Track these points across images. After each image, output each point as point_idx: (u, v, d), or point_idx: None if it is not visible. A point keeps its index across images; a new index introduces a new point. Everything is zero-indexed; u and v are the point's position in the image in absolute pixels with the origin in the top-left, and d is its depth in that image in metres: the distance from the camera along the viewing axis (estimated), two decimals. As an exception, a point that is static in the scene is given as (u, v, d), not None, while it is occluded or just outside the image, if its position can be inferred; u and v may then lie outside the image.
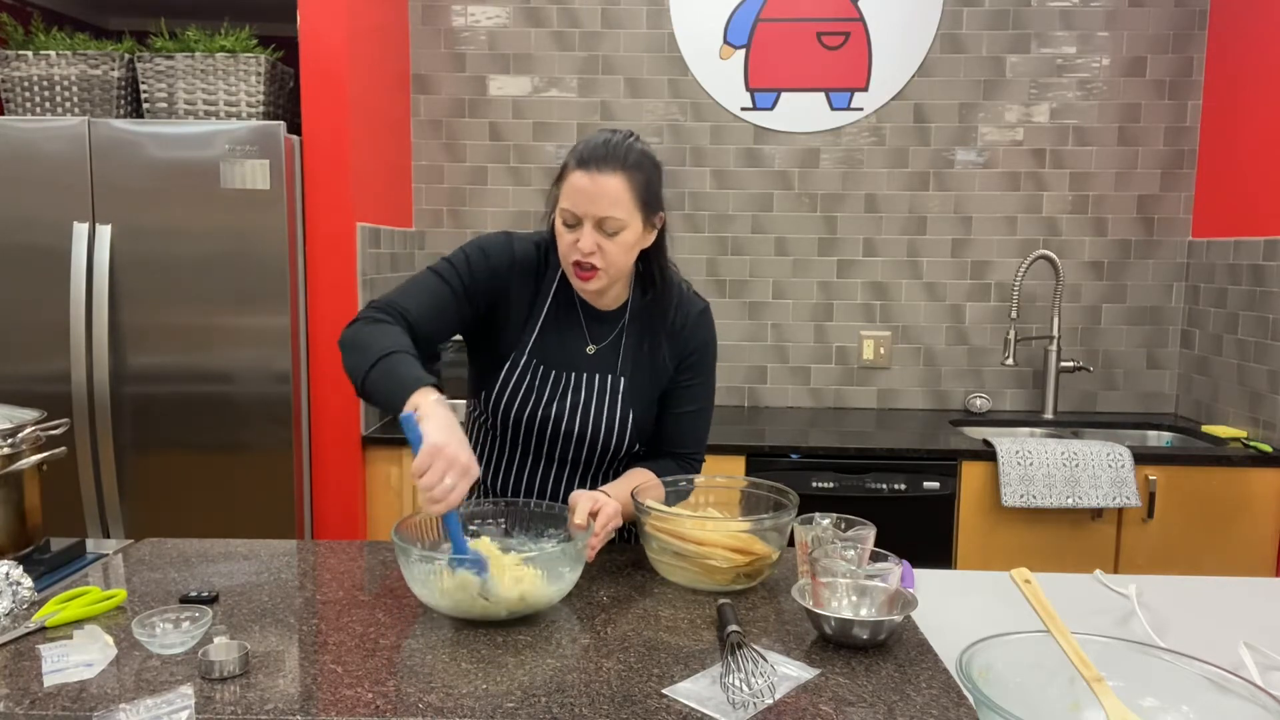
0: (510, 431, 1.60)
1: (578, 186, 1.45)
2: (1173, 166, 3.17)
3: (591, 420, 1.57)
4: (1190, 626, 1.38)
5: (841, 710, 1.05)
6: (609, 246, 1.45)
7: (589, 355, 1.59)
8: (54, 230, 2.52)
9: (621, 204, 1.44)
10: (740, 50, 3.17)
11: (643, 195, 1.47)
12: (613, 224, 1.44)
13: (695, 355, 1.62)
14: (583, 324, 1.59)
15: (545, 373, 1.57)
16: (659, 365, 1.60)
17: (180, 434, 2.58)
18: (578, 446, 1.59)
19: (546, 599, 1.29)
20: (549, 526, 1.47)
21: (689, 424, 1.65)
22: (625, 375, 1.58)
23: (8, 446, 1.47)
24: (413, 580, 1.28)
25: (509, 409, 1.57)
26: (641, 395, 1.59)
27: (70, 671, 1.10)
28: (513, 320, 1.57)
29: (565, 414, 1.56)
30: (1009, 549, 2.64)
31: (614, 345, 1.59)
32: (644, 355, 1.59)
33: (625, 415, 1.57)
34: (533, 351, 1.57)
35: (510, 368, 1.56)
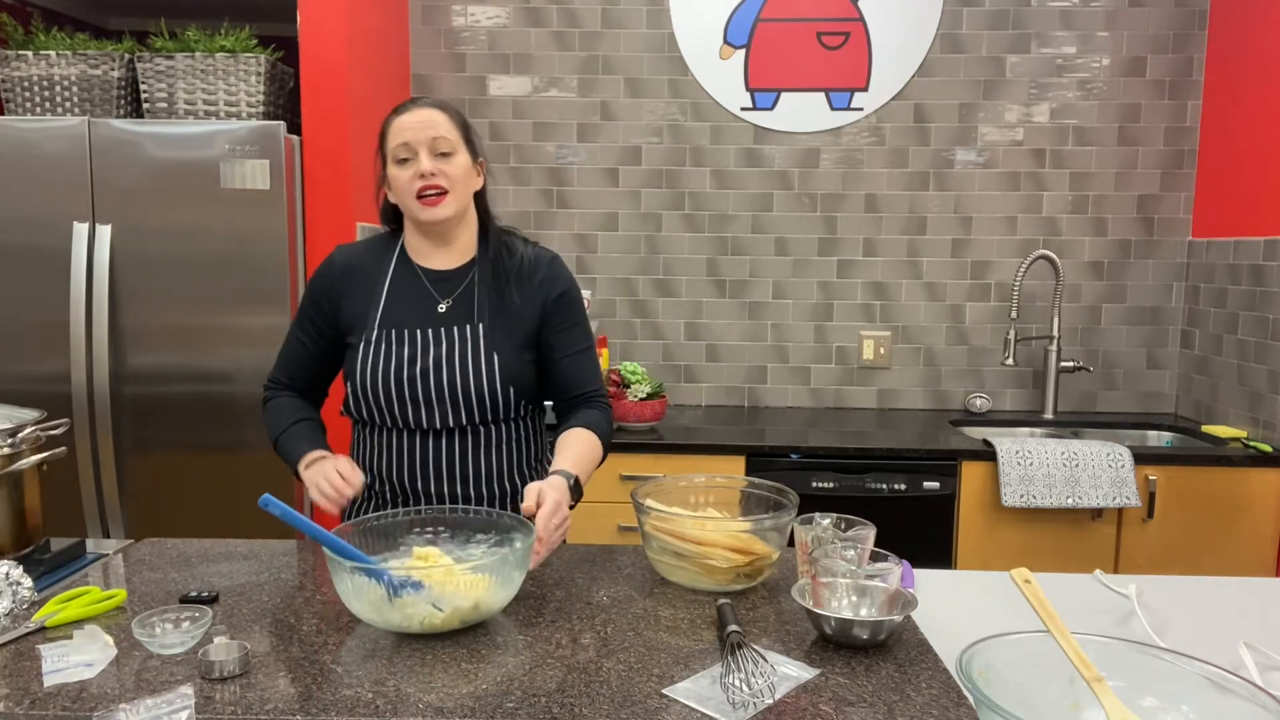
0: (384, 410, 1.58)
1: (404, 124, 1.55)
2: (1173, 166, 3.17)
3: (459, 369, 1.56)
4: (1190, 626, 1.38)
5: (841, 710, 1.05)
6: (447, 169, 1.55)
7: (440, 312, 1.61)
8: (54, 230, 2.52)
9: (449, 129, 1.56)
10: (740, 50, 3.17)
11: (462, 128, 1.59)
12: (445, 144, 1.54)
13: (561, 301, 1.65)
14: (428, 287, 1.63)
15: (399, 336, 1.59)
16: (518, 313, 1.61)
17: (180, 434, 2.58)
18: (454, 403, 1.57)
19: (500, 603, 1.27)
20: (476, 531, 1.43)
21: (582, 364, 1.67)
22: (484, 322, 1.59)
23: (8, 446, 1.47)
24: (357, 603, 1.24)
25: (372, 382, 1.57)
26: (505, 341, 1.59)
27: (70, 671, 1.10)
28: (356, 312, 1.62)
29: (429, 369, 1.56)
30: (1009, 549, 2.64)
31: (466, 298, 1.62)
32: (500, 303, 1.61)
33: (490, 359, 1.57)
34: (382, 323, 1.60)
35: (364, 346, 1.59)
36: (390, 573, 1.21)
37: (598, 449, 1.61)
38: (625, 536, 2.70)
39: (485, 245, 1.66)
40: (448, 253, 1.64)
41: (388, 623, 1.22)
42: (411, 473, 1.62)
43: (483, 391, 1.57)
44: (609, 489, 2.68)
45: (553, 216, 3.26)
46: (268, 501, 1.24)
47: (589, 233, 3.27)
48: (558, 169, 3.25)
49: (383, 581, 1.21)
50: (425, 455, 1.61)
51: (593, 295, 3.27)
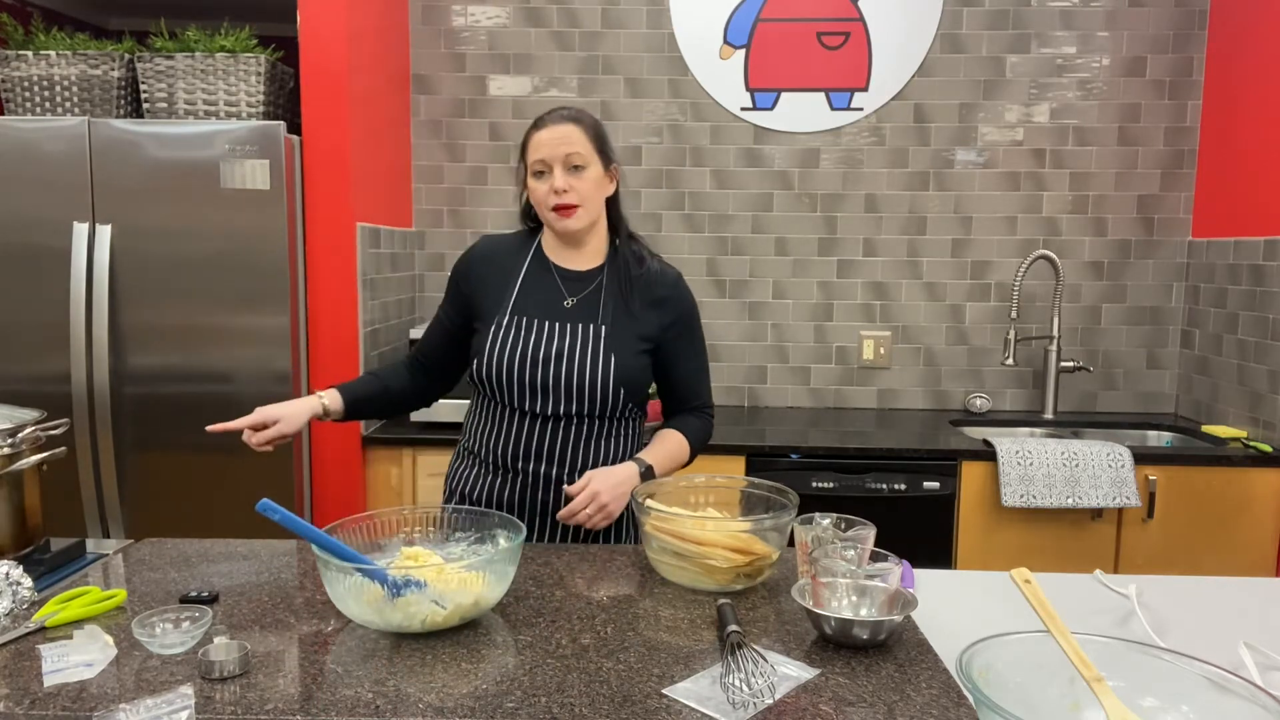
0: (503, 389, 1.69)
1: (541, 140, 1.70)
2: (1173, 166, 3.17)
3: (577, 363, 1.66)
4: (1190, 626, 1.38)
5: (841, 710, 1.05)
6: (578, 183, 1.67)
7: (566, 308, 1.72)
8: (54, 230, 2.52)
9: (581, 144, 1.67)
10: (740, 50, 3.17)
11: (595, 140, 1.69)
12: (577, 158, 1.66)
13: (684, 319, 1.78)
14: (559, 284, 1.74)
15: (528, 323, 1.70)
16: (641, 321, 1.72)
17: (180, 434, 2.58)
18: (568, 393, 1.67)
19: (497, 598, 1.29)
20: (455, 530, 1.45)
21: (696, 380, 1.82)
22: (606, 324, 1.70)
23: (8, 446, 1.47)
24: (353, 606, 1.24)
25: (498, 361, 1.67)
26: (623, 344, 1.69)
27: (70, 671, 1.10)
28: (491, 298, 1.74)
29: (551, 358, 1.67)
30: (1009, 549, 2.64)
31: (593, 299, 1.73)
32: (624, 309, 1.72)
33: (607, 359, 1.67)
34: (514, 310, 1.72)
35: (495, 328, 1.70)
36: (391, 573, 1.21)
37: (684, 449, 1.79)
38: (625, 536, 2.69)
39: (615, 252, 1.78)
40: (579, 254, 1.76)
41: (387, 623, 1.22)
42: (515, 450, 1.71)
43: (595, 387, 1.67)
44: (609, 489, 2.68)
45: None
46: (266, 506, 1.24)
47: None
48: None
49: (385, 582, 1.21)
50: (531, 437, 1.70)
51: (593, 295, 3.27)
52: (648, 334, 1.72)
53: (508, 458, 1.71)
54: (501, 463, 1.72)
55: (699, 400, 1.84)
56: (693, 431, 1.81)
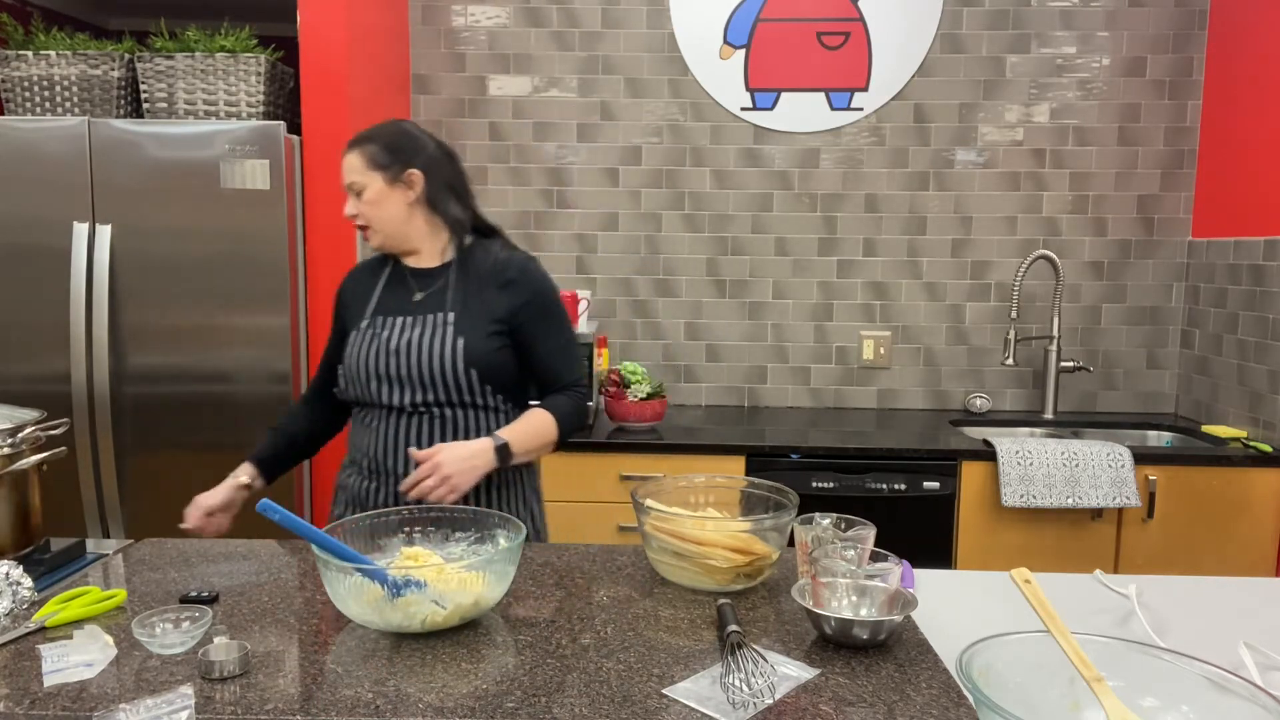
0: (362, 385, 1.75)
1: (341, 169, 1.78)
2: (1173, 166, 3.17)
3: (426, 349, 1.71)
4: (1190, 626, 1.38)
5: (841, 710, 1.05)
6: (362, 206, 1.75)
7: (415, 301, 1.78)
8: (54, 230, 2.52)
9: (356, 170, 1.74)
10: (740, 50, 3.17)
11: (373, 158, 1.74)
12: (355, 185, 1.74)
13: (536, 300, 1.78)
14: (410, 282, 1.81)
15: (382, 322, 1.77)
16: (490, 304, 1.75)
17: (180, 434, 2.58)
18: (421, 381, 1.71)
19: (497, 598, 1.29)
20: (454, 530, 1.45)
21: (560, 359, 1.81)
22: (454, 311, 1.75)
23: (8, 446, 1.47)
24: (354, 606, 1.24)
25: (355, 362, 1.75)
26: (472, 327, 1.73)
27: (70, 671, 1.10)
28: (356, 313, 1.82)
29: (401, 349, 1.72)
30: (1009, 549, 2.64)
31: (441, 291, 1.78)
32: (473, 295, 1.76)
33: (455, 342, 1.71)
34: (372, 315, 1.79)
35: (356, 334, 1.78)
36: (391, 573, 1.21)
37: (549, 427, 1.76)
38: (625, 536, 2.70)
39: (463, 246, 1.82)
40: (421, 256, 1.81)
41: (387, 623, 1.22)
42: (386, 449, 1.74)
43: (446, 371, 1.71)
44: (609, 489, 2.68)
45: (553, 216, 3.26)
46: (266, 507, 1.24)
47: (589, 233, 3.27)
48: (558, 169, 3.25)
49: (385, 583, 1.21)
50: (396, 435, 1.74)
51: (592, 295, 3.27)
52: (498, 315, 1.75)
53: (379, 459, 1.75)
54: (376, 466, 1.76)
55: (566, 379, 1.82)
56: (559, 409, 1.78)
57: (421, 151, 1.76)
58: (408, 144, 1.76)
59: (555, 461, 2.68)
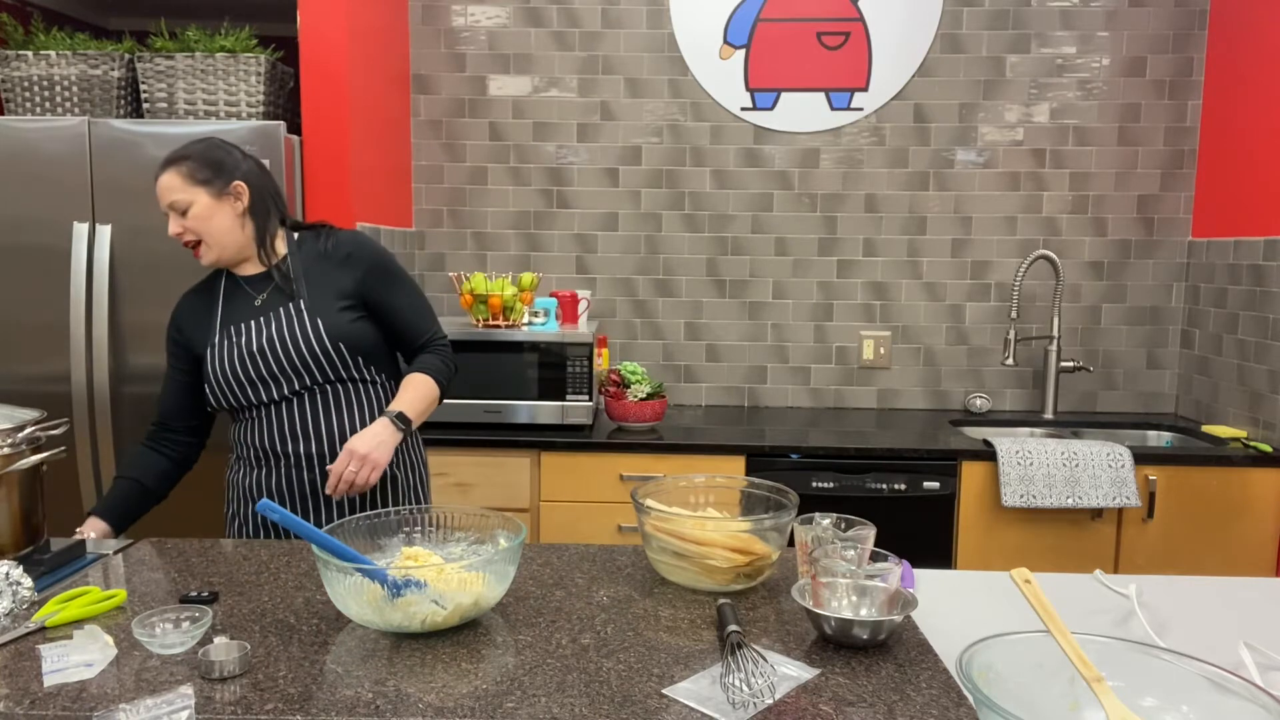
0: (238, 395, 1.78)
1: (157, 191, 1.79)
2: (1173, 166, 3.17)
3: (288, 341, 1.76)
4: (1190, 626, 1.38)
5: (841, 710, 1.05)
6: (189, 223, 1.76)
7: (258, 305, 1.81)
8: (54, 230, 2.52)
9: (177, 189, 1.75)
10: (740, 50, 3.17)
11: (194, 174, 1.76)
12: (180, 204, 1.75)
13: (377, 266, 1.85)
14: (245, 290, 1.84)
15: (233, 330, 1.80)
16: (335, 282, 1.82)
17: (180, 434, 2.57)
18: (294, 369, 1.77)
19: (497, 597, 1.29)
20: (455, 530, 1.45)
21: (414, 316, 1.89)
22: (303, 298, 1.80)
23: (8, 446, 1.47)
24: (356, 605, 1.24)
25: (219, 378, 1.78)
26: (325, 307, 1.79)
27: (70, 671, 1.10)
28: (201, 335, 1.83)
29: (264, 345, 1.76)
30: (1009, 549, 2.64)
31: (281, 286, 1.82)
32: (315, 279, 1.82)
33: (314, 324, 1.77)
34: (220, 330, 1.82)
35: (211, 350, 1.80)
36: (391, 573, 1.21)
37: (430, 387, 1.84)
38: (625, 536, 2.70)
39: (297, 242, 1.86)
40: (252, 264, 1.85)
41: (387, 623, 1.22)
42: (274, 437, 1.80)
43: (314, 352, 1.77)
44: (609, 489, 2.68)
45: (553, 216, 3.26)
46: (266, 506, 1.24)
47: (589, 233, 3.27)
48: (558, 169, 3.25)
49: (385, 583, 1.21)
50: (283, 420, 1.80)
51: (592, 295, 3.27)
52: (345, 290, 1.81)
53: (266, 446, 1.80)
54: (264, 453, 1.81)
55: (426, 334, 1.90)
56: (430, 367, 1.86)
57: (240, 164, 1.80)
58: (225, 157, 1.79)
59: (555, 461, 2.68)
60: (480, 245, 3.28)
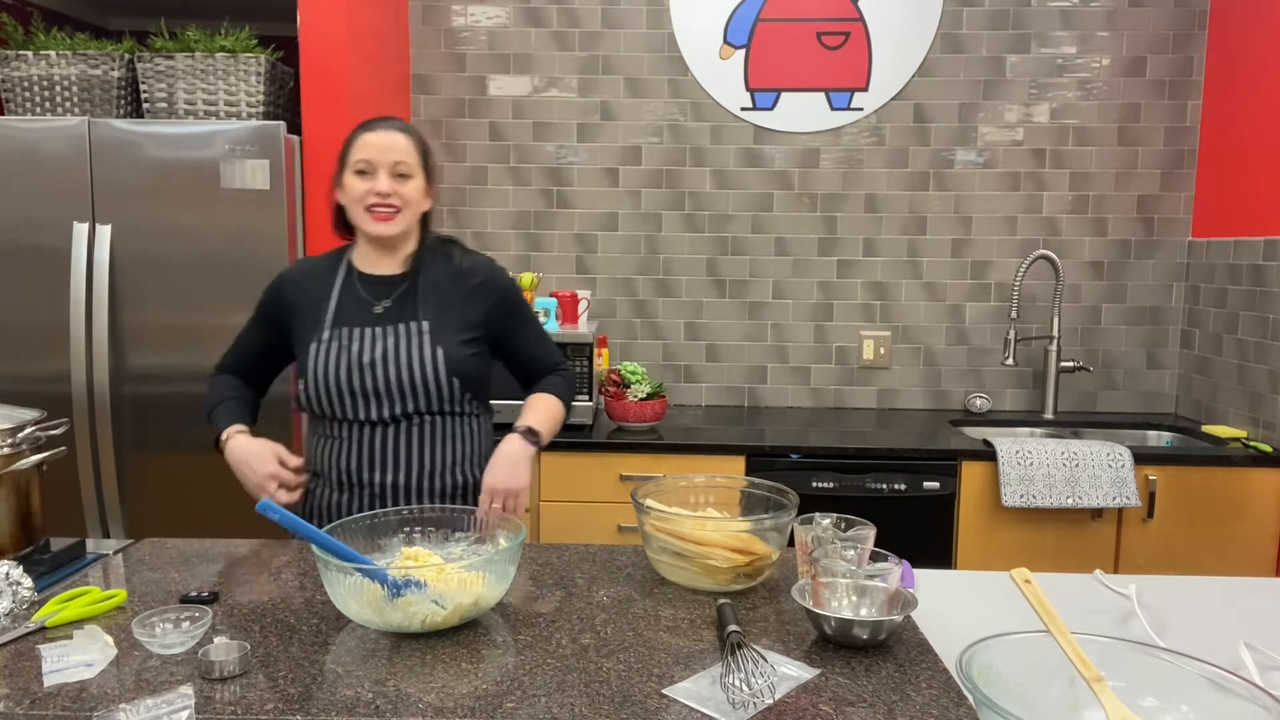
0: (336, 404, 1.69)
1: (372, 141, 1.70)
2: (1173, 166, 3.17)
3: (404, 361, 1.68)
4: (1190, 626, 1.38)
5: (841, 710, 1.05)
6: (403, 190, 1.69)
7: (379, 314, 1.73)
8: (54, 230, 2.52)
9: (409, 154, 1.70)
10: (740, 50, 3.17)
11: (423, 157, 1.74)
12: (404, 167, 1.69)
13: (505, 299, 1.80)
14: (365, 292, 1.75)
15: (346, 334, 1.71)
16: (460, 312, 1.75)
17: (180, 434, 2.58)
18: (400, 393, 1.68)
19: (497, 598, 1.29)
20: (454, 529, 1.45)
21: (539, 348, 1.86)
22: (427, 320, 1.72)
23: (8, 446, 1.47)
24: (353, 605, 1.24)
25: (323, 377, 1.68)
26: (448, 336, 1.72)
27: (70, 671, 1.10)
28: (307, 321, 1.75)
29: (376, 362, 1.68)
30: (1009, 549, 2.64)
31: (406, 301, 1.74)
32: (443, 303, 1.74)
33: (434, 351, 1.69)
34: (332, 325, 1.72)
35: (316, 345, 1.71)
36: (391, 573, 1.21)
37: (558, 406, 1.82)
38: (625, 536, 2.70)
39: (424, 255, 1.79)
40: (389, 260, 1.77)
41: (387, 623, 1.22)
42: (361, 463, 1.71)
43: (428, 381, 1.69)
44: (609, 489, 2.68)
45: (553, 216, 3.26)
46: (266, 506, 1.24)
47: (589, 233, 3.27)
48: (558, 169, 3.25)
49: (385, 583, 1.21)
50: (374, 446, 1.71)
51: (592, 295, 3.27)
52: (471, 321, 1.75)
53: (353, 471, 1.71)
54: (349, 478, 1.72)
55: (550, 363, 1.87)
56: (556, 388, 1.84)
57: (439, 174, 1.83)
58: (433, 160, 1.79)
59: (555, 462, 2.68)
60: (480, 245, 3.28)
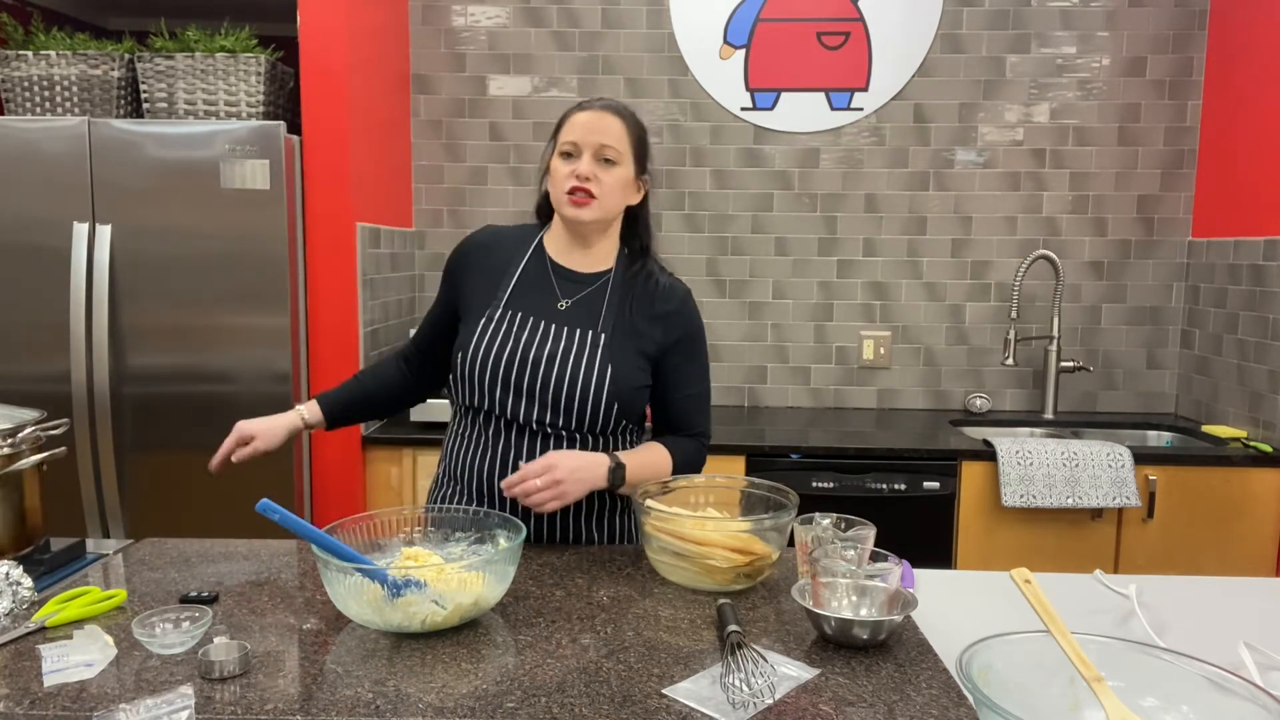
0: (486, 389, 1.56)
1: (580, 121, 1.56)
2: (1173, 166, 3.17)
3: (570, 370, 1.55)
4: (1190, 626, 1.38)
5: (841, 710, 1.05)
6: (604, 176, 1.55)
7: (561, 309, 1.61)
8: (54, 230, 2.52)
9: (619, 139, 1.56)
10: (740, 50, 3.17)
11: (636, 143, 1.59)
12: (610, 152, 1.55)
13: (689, 338, 1.66)
14: (554, 284, 1.63)
15: (520, 320, 1.59)
16: (644, 336, 1.61)
17: (180, 434, 2.58)
18: (555, 402, 1.55)
19: (497, 598, 1.29)
20: (455, 530, 1.44)
21: (696, 405, 1.70)
22: (605, 332, 1.59)
23: (8, 446, 1.47)
24: (355, 606, 1.24)
25: (483, 358, 1.56)
26: (623, 357, 1.58)
27: (70, 671, 1.10)
28: (482, 290, 1.63)
29: (542, 360, 1.56)
30: (1009, 549, 2.64)
31: (592, 305, 1.61)
32: (627, 320, 1.60)
33: (604, 369, 1.56)
34: (507, 305, 1.61)
35: (485, 321, 1.60)
36: (391, 573, 1.21)
37: (666, 463, 1.63)
38: (625, 536, 2.69)
39: (624, 261, 1.66)
40: (584, 255, 1.64)
41: (387, 623, 1.22)
42: (497, 471, 1.59)
43: (588, 398, 1.55)
44: (609, 489, 2.68)
45: (553, 216, 3.26)
46: (266, 506, 1.24)
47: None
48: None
49: (385, 582, 1.21)
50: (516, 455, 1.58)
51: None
52: (648, 350, 1.61)
53: (489, 480, 1.60)
54: (484, 487, 1.61)
55: (695, 429, 1.70)
56: (681, 451, 1.66)
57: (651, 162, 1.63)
58: (649, 149, 1.63)
59: (555, 461, 2.67)
60: (480, 245, 3.27)
